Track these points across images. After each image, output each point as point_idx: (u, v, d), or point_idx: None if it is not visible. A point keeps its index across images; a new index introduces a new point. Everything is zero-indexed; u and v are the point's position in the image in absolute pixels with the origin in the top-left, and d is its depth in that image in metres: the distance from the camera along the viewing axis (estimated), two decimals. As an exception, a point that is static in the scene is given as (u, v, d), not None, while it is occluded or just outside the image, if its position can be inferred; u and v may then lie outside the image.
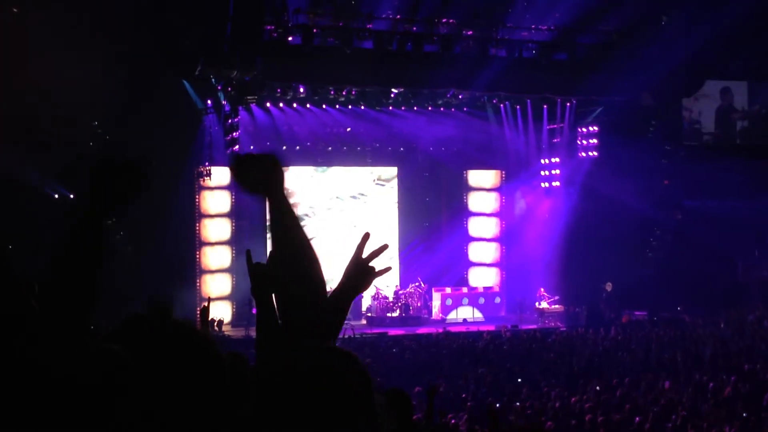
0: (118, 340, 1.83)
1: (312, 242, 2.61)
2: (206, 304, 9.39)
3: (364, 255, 2.75)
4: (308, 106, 24.22)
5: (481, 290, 26.27)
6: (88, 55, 19.28)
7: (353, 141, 26.04)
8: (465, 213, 27.77)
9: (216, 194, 24.11)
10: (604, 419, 11.31)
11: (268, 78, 21.80)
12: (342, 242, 24.03)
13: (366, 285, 2.79)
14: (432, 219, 27.83)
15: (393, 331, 22.15)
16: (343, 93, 23.76)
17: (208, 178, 22.95)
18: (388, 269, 2.84)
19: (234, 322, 23.37)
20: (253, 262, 2.82)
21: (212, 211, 24.21)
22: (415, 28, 22.32)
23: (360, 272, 2.75)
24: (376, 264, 2.78)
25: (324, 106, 24.37)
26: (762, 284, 26.15)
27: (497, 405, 12.34)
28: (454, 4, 22.38)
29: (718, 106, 27.58)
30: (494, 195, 27.84)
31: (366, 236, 2.75)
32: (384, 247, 2.80)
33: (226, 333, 21.31)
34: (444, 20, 22.48)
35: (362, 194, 26.73)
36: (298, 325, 2.45)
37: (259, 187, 2.52)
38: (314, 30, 21.14)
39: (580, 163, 25.94)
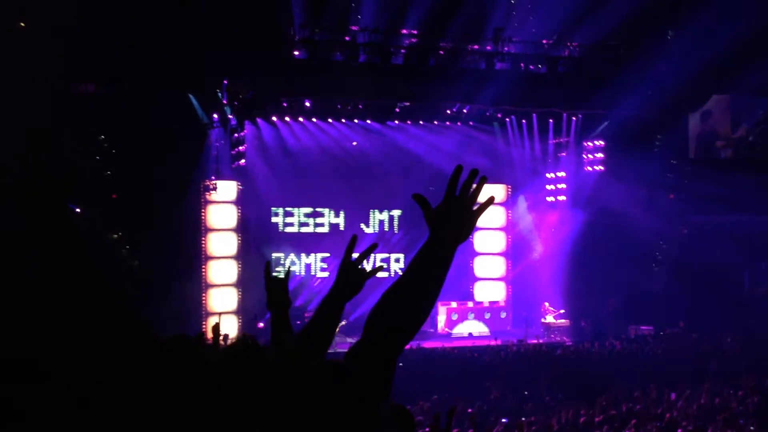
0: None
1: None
2: (218, 320, 9.45)
3: (354, 257, 2.75)
4: (314, 120, 24.26)
5: (487, 305, 26.19)
6: (94, 67, 19.39)
7: (359, 154, 26.04)
8: (471, 227, 27.70)
9: (222, 208, 24.09)
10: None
11: (274, 92, 21.86)
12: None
13: (358, 288, 2.77)
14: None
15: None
16: (349, 107, 23.81)
17: (214, 192, 23.02)
18: (380, 268, 2.82)
19: (240, 337, 23.30)
20: (272, 275, 2.81)
21: (218, 226, 24.16)
22: (420, 42, 22.38)
23: (352, 275, 2.74)
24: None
25: (330, 120, 24.41)
26: (769, 299, 26.04)
27: (504, 420, 12.29)
28: (460, 18, 22.43)
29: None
30: (500, 209, 27.82)
31: (354, 239, 2.76)
32: (373, 247, 2.78)
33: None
34: (450, 34, 22.53)
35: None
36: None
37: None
38: (320, 44, 21.23)
39: (586, 177, 25.91)
